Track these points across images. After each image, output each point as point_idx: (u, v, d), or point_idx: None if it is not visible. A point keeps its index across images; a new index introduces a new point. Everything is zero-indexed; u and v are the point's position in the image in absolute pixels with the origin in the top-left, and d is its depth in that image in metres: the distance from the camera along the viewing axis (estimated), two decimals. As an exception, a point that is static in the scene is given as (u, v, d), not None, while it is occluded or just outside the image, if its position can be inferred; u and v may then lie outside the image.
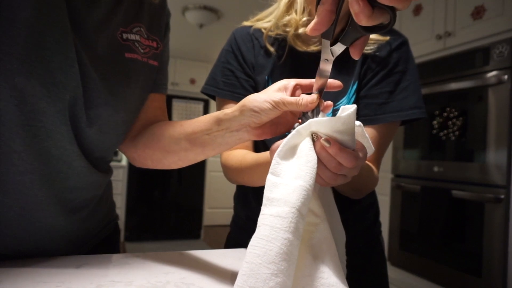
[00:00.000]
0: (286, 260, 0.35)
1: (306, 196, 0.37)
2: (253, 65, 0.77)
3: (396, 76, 0.69)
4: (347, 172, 0.43)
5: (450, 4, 2.01)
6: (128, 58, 0.58)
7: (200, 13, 3.03)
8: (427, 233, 2.03)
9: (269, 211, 0.37)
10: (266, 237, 0.36)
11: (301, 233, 0.37)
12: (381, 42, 0.70)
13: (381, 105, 0.68)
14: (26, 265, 0.53)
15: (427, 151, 2.10)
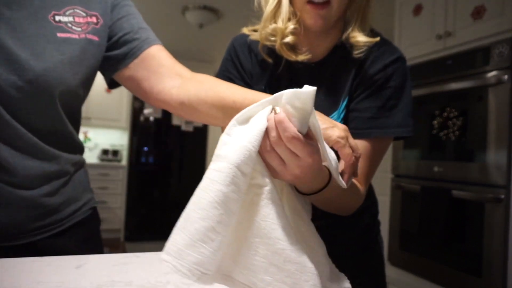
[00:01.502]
0: (217, 208, 0.37)
1: (248, 155, 0.39)
2: (251, 74, 0.77)
3: (387, 92, 0.67)
4: (287, 157, 0.42)
5: (450, 4, 2.01)
6: (61, 38, 0.64)
7: (200, 13, 3.03)
8: (427, 233, 2.03)
9: (212, 166, 0.40)
10: (203, 188, 0.39)
11: (242, 190, 0.39)
12: (370, 43, 0.68)
13: (368, 119, 0.67)
14: (26, 265, 0.53)
15: (427, 151, 2.10)
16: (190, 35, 3.71)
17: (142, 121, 4.28)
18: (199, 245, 0.38)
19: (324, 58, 0.73)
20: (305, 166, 0.43)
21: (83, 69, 0.68)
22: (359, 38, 0.68)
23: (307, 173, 0.44)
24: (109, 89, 3.99)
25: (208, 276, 0.39)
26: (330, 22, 0.67)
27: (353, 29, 0.69)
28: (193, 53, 4.39)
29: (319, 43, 0.72)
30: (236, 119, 0.43)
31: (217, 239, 0.38)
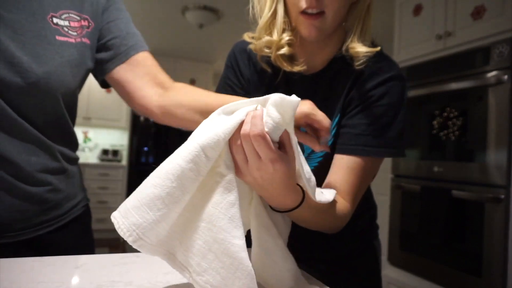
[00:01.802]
0: (170, 180, 0.39)
1: (216, 140, 0.40)
2: (250, 82, 0.77)
3: (379, 110, 0.65)
4: (250, 155, 0.42)
5: (450, 4, 2.01)
6: (59, 41, 0.66)
7: (200, 13, 3.04)
8: (427, 233, 2.03)
9: (184, 143, 0.41)
10: (167, 160, 0.41)
11: (201, 171, 0.40)
12: (371, 54, 0.65)
13: (356, 136, 0.65)
14: (26, 265, 0.53)
15: (427, 151, 2.10)
16: (190, 35, 3.71)
17: (142, 121, 4.28)
18: (144, 209, 0.39)
19: (321, 70, 0.71)
20: (265, 171, 0.43)
21: (81, 71, 0.72)
22: (358, 49, 0.65)
23: (267, 181, 0.44)
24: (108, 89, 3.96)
25: (146, 244, 0.40)
26: (326, 33, 0.66)
27: (352, 40, 0.67)
28: (193, 53, 4.39)
29: (317, 54, 0.71)
30: (222, 109, 0.44)
31: (163, 210, 0.39)
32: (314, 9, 0.62)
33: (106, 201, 4.16)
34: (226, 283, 0.39)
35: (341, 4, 0.63)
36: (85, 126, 4.55)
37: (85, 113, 4.36)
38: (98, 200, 4.12)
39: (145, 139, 4.31)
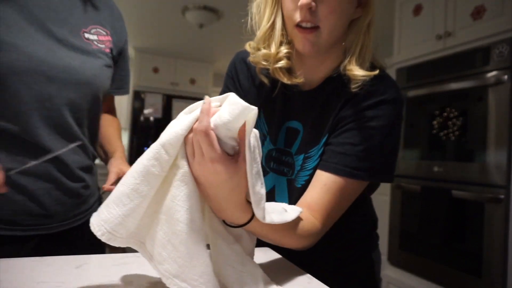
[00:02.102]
0: (134, 177, 0.42)
1: (174, 136, 0.42)
2: (248, 93, 0.76)
3: (366, 132, 0.62)
4: (196, 149, 0.43)
5: (450, 4, 2.01)
6: (95, 49, 0.79)
7: (200, 13, 3.03)
8: (427, 233, 2.03)
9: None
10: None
11: (163, 167, 0.42)
12: (368, 77, 0.62)
13: (339, 154, 0.63)
14: (26, 265, 0.53)
15: (427, 151, 2.10)
16: (190, 35, 3.71)
17: (142, 121, 4.28)
18: (111, 205, 0.42)
19: (318, 87, 0.70)
20: (206, 170, 0.43)
21: (111, 75, 0.86)
22: (355, 72, 0.62)
23: (207, 181, 0.44)
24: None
25: (115, 238, 0.43)
26: (321, 49, 0.64)
27: (350, 61, 0.65)
28: (193, 53, 4.39)
29: (315, 69, 0.70)
30: (188, 108, 0.47)
31: (129, 205, 0.42)
32: (308, 23, 0.61)
33: (106, 201, 4.16)
34: (183, 270, 0.42)
35: (337, 20, 0.62)
36: (85, 126, 4.56)
37: (85, 113, 4.37)
38: (98, 200, 4.13)
39: (145, 139, 4.31)
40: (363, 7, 0.65)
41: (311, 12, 0.60)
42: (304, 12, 0.60)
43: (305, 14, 0.60)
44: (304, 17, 0.61)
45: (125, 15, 0.96)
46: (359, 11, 0.65)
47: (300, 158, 0.70)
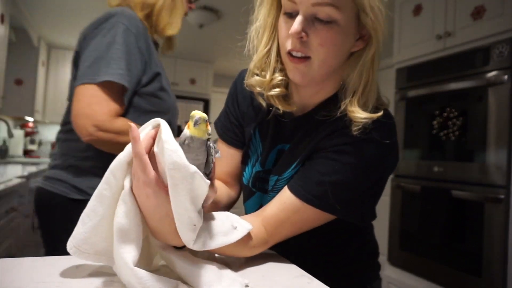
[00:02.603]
0: (92, 199, 0.48)
1: (118, 162, 0.47)
2: (244, 115, 0.76)
3: (340, 166, 0.60)
4: (135, 175, 0.44)
5: (450, 4, 2.01)
6: None
7: (200, 13, 3.03)
8: (427, 233, 2.03)
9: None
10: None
11: (113, 189, 0.47)
12: (370, 119, 0.59)
13: (305, 178, 0.61)
14: (26, 265, 0.53)
15: (427, 151, 2.10)
16: (190, 35, 3.71)
17: (142, 121, 4.28)
18: (78, 223, 0.48)
19: (308, 113, 0.68)
20: (139, 192, 0.44)
21: None
22: (357, 114, 0.59)
23: (141, 204, 0.45)
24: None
25: (81, 253, 0.48)
26: (313, 79, 0.62)
27: (352, 101, 0.60)
28: (193, 53, 4.39)
29: (309, 98, 0.68)
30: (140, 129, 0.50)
31: (88, 223, 0.47)
32: (298, 52, 0.59)
33: (106, 201, 4.16)
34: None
35: (329, 53, 0.59)
36: (85, 126, 4.55)
37: (85, 113, 4.36)
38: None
39: (145, 139, 4.30)
40: (366, 40, 0.62)
41: (302, 42, 0.58)
42: (295, 41, 0.59)
43: (296, 43, 0.59)
44: (294, 46, 0.59)
45: (125, 15, 0.96)
46: (360, 44, 0.62)
47: (273, 179, 0.69)
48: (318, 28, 0.57)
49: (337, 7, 0.56)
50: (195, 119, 0.46)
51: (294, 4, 0.58)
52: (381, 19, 0.59)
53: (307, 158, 0.65)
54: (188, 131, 0.47)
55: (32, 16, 3.34)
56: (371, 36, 0.60)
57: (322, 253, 0.73)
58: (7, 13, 2.67)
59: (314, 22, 0.57)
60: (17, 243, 2.15)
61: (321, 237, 0.69)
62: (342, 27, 0.58)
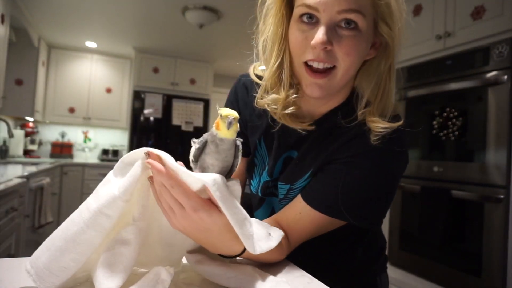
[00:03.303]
0: (74, 241, 0.43)
1: (112, 201, 0.43)
2: (247, 124, 0.74)
3: (354, 177, 0.60)
4: (173, 205, 0.44)
5: (450, 4, 2.01)
6: None
7: (200, 13, 3.03)
8: (427, 233, 2.03)
9: (89, 200, 0.45)
10: (72, 219, 0.44)
11: (105, 227, 0.43)
12: (390, 129, 0.57)
13: (321, 188, 0.61)
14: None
15: (427, 151, 2.10)
16: (190, 35, 3.71)
17: (142, 121, 4.28)
18: (59, 273, 0.43)
19: (317, 121, 0.65)
20: (190, 220, 0.44)
21: None
22: (378, 124, 0.57)
23: (195, 229, 0.45)
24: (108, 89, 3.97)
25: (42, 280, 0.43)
26: (331, 92, 0.59)
27: (371, 112, 0.59)
28: (193, 53, 4.39)
29: (318, 107, 0.65)
30: (122, 160, 0.47)
31: (76, 266, 0.43)
32: (320, 63, 0.55)
33: (106, 201, 4.16)
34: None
35: (354, 62, 0.56)
36: (85, 126, 4.55)
37: (85, 113, 4.36)
38: (98, 200, 4.13)
39: (145, 139, 4.30)
40: (383, 50, 0.59)
41: (326, 51, 0.54)
42: (318, 51, 0.54)
43: (319, 53, 0.54)
44: (317, 56, 0.55)
45: (125, 15, 0.96)
46: (372, 52, 0.60)
47: (285, 188, 0.69)
48: (342, 37, 0.54)
49: (364, 15, 0.53)
50: (229, 120, 0.44)
51: (315, 11, 0.54)
52: (400, 27, 0.57)
53: (320, 168, 0.64)
54: (217, 132, 0.45)
55: (32, 16, 3.34)
56: (388, 44, 0.58)
57: (331, 253, 0.73)
58: (7, 13, 2.67)
59: (336, 30, 0.54)
60: (17, 243, 2.15)
61: (331, 238, 0.69)
62: (363, 35, 0.55)
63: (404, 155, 0.62)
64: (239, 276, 0.48)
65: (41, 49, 3.81)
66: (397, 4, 0.56)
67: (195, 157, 0.49)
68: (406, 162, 0.63)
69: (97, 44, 4.17)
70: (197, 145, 0.48)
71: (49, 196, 2.85)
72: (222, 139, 0.45)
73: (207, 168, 0.48)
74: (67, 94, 4.28)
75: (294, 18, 0.58)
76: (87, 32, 3.76)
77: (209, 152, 0.47)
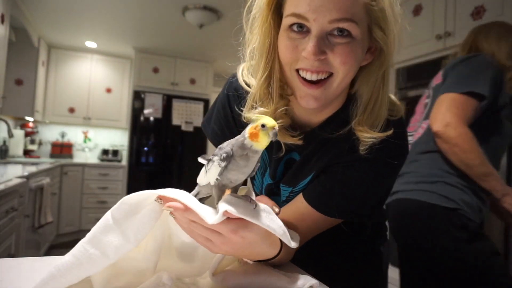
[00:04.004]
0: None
1: (122, 251, 0.43)
2: (242, 127, 0.72)
3: (354, 180, 0.61)
4: (209, 236, 0.44)
5: (450, 4, 2.01)
6: None
7: (200, 13, 3.03)
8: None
9: (90, 251, 0.43)
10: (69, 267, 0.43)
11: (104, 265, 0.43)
12: (376, 140, 0.57)
13: (323, 191, 0.62)
14: (26, 265, 0.53)
15: (427, 151, 2.10)
16: (190, 35, 3.71)
17: (142, 121, 4.28)
18: None
19: (315, 128, 0.64)
20: (232, 243, 0.44)
21: None
22: (364, 133, 0.56)
23: (239, 249, 0.45)
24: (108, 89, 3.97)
25: None
26: (326, 101, 0.57)
27: (360, 121, 0.57)
28: (193, 53, 4.39)
29: (315, 114, 0.64)
30: (124, 202, 0.44)
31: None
32: (314, 74, 0.53)
33: (106, 201, 4.16)
34: None
35: (351, 70, 0.53)
36: (85, 126, 4.55)
37: (85, 113, 4.36)
38: (98, 200, 4.12)
39: (145, 139, 4.30)
40: (374, 52, 0.58)
41: (320, 61, 0.52)
42: (311, 62, 0.52)
43: (312, 63, 0.52)
44: (311, 66, 0.52)
45: (125, 15, 0.96)
46: (369, 57, 0.58)
47: (287, 190, 0.70)
48: (335, 45, 0.52)
49: (356, 22, 0.51)
50: (275, 131, 0.41)
51: (305, 21, 0.51)
52: (395, 32, 0.55)
53: (323, 170, 0.64)
54: (253, 144, 0.42)
55: (32, 16, 3.34)
56: (382, 50, 0.56)
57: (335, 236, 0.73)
58: (7, 13, 2.67)
59: (328, 39, 0.52)
60: (17, 243, 2.15)
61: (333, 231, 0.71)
62: (358, 42, 0.53)
63: (404, 150, 0.63)
64: (268, 279, 0.50)
65: (41, 49, 3.80)
66: (392, 9, 0.55)
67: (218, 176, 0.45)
68: (403, 162, 0.63)
69: (97, 44, 4.17)
70: (221, 163, 0.43)
71: (49, 196, 2.85)
72: (257, 151, 0.42)
73: (226, 185, 0.46)
74: (67, 94, 4.28)
75: (283, 27, 0.55)
76: (87, 32, 3.76)
77: (234, 168, 0.43)
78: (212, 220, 0.40)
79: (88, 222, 4.09)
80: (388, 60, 0.57)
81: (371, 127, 0.57)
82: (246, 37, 0.61)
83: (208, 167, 0.45)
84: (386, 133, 0.57)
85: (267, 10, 0.56)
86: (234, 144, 0.43)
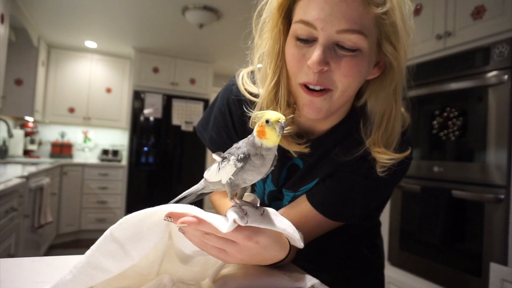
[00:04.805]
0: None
1: (126, 267, 0.44)
2: (242, 135, 0.71)
3: (359, 185, 0.61)
4: (223, 246, 0.43)
5: (450, 4, 2.01)
6: None
7: (200, 13, 3.03)
8: (427, 233, 2.02)
9: (90, 271, 0.43)
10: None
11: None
12: (395, 161, 0.57)
13: (327, 195, 0.62)
14: (26, 265, 0.52)
15: (427, 151, 2.10)
16: (190, 35, 3.71)
17: (142, 121, 4.28)
18: None
19: (321, 137, 0.64)
20: (248, 249, 0.44)
21: None
22: (382, 155, 0.56)
23: (254, 255, 0.45)
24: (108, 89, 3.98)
25: None
26: (329, 112, 0.56)
27: (375, 141, 0.56)
28: (193, 53, 4.39)
29: (319, 124, 0.64)
30: (126, 221, 0.44)
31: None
32: (316, 85, 0.52)
33: (106, 201, 4.16)
34: None
35: (354, 84, 0.53)
36: (85, 126, 4.55)
37: (85, 113, 4.36)
38: (98, 200, 4.12)
39: (145, 139, 4.30)
40: (382, 67, 0.57)
41: (322, 73, 0.51)
42: (313, 75, 0.51)
43: (314, 76, 0.52)
44: (313, 80, 0.52)
45: (125, 15, 0.96)
46: (376, 71, 0.57)
47: (289, 195, 0.70)
48: (341, 57, 0.50)
49: (365, 35, 0.49)
50: (281, 124, 0.39)
51: (313, 29, 0.50)
52: (406, 47, 0.53)
53: (328, 175, 0.64)
54: (263, 142, 0.40)
55: (32, 16, 3.34)
56: (392, 65, 0.55)
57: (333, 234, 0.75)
58: (7, 13, 2.67)
59: (335, 49, 0.51)
60: (16, 243, 2.15)
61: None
62: (365, 55, 0.51)
63: (409, 159, 0.65)
64: (269, 280, 0.50)
65: (40, 49, 3.80)
66: (403, 23, 0.52)
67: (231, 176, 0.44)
68: (405, 168, 0.66)
69: (97, 44, 4.17)
70: (238, 164, 0.41)
71: (49, 196, 2.85)
72: (270, 148, 0.40)
73: (239, 185, 0.45)
74: (67, 94, 4.28)
75: (291, 34, 0.54)
76: (87, 32, 3.76)
77: (251, 168, 0.42)
78: (226, 228, 0.40)
79: (88, 222, 4.09)
80: (399, 76, 0.56)
81: (386, 145, 0.57)
82: (255, 42, 0.60)
83: (223, 165, 0.44)
84: (404, 154, 0.57)
85: (277, 15, 0.55)
86: (247, 143, 0.42)
